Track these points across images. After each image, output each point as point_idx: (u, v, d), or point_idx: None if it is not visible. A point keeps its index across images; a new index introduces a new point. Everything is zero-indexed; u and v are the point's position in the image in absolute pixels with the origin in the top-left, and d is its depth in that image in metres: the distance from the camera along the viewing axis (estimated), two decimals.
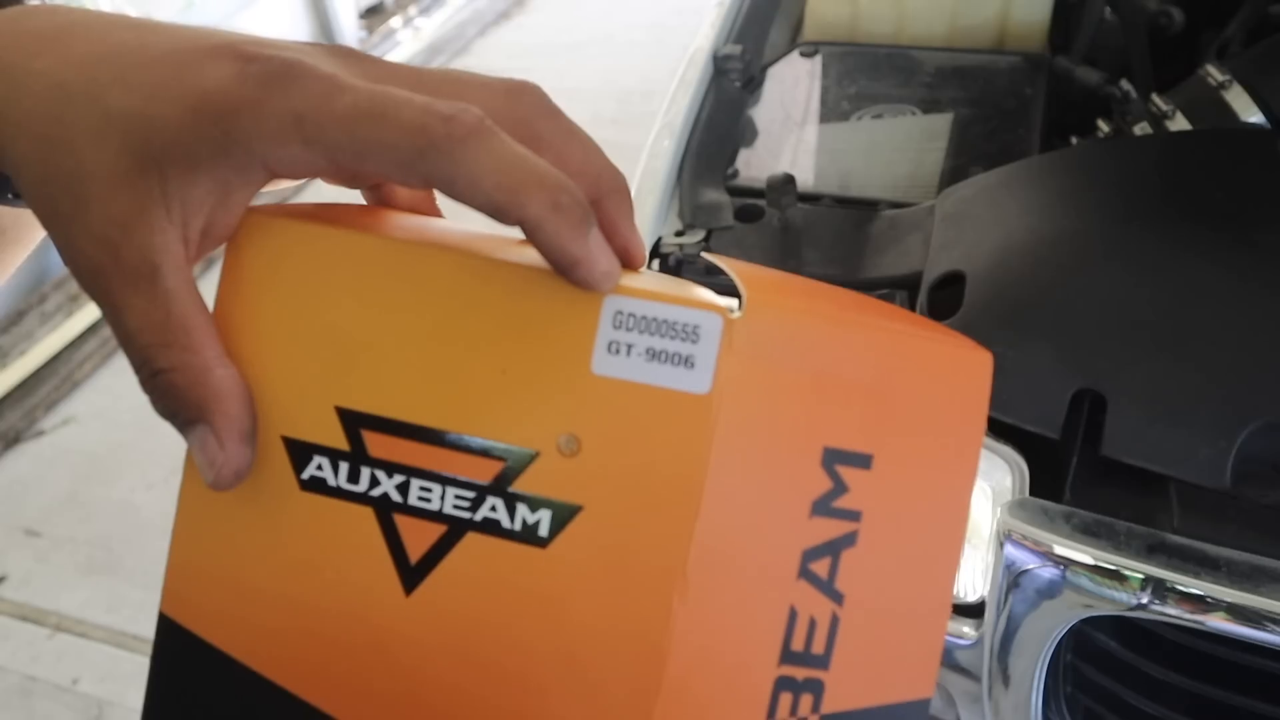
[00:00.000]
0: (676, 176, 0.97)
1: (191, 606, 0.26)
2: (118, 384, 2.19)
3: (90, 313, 2.36)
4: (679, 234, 0.89)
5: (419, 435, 0.25)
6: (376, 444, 0.25)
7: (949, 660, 0.73)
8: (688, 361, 0.24)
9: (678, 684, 0.24)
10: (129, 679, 1.63)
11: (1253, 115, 0.83)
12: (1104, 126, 0.95)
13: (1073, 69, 1.04)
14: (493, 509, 0.25)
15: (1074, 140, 0.99)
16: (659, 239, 0.89)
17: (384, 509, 0.25)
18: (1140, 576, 0.61)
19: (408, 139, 0.23)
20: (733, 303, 0.25)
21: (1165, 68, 1.03)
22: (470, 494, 0.25)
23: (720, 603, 0.25)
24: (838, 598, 0.25)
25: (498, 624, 0.25)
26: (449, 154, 0.23)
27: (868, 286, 0.82)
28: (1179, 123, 0.86)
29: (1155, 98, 0.88)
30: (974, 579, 0.73)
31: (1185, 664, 0.65)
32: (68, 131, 0.24)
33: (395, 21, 3.76)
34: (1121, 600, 0.62)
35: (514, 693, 0.25)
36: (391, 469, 0.25)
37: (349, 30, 3.55)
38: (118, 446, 2.01)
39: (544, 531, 0.25)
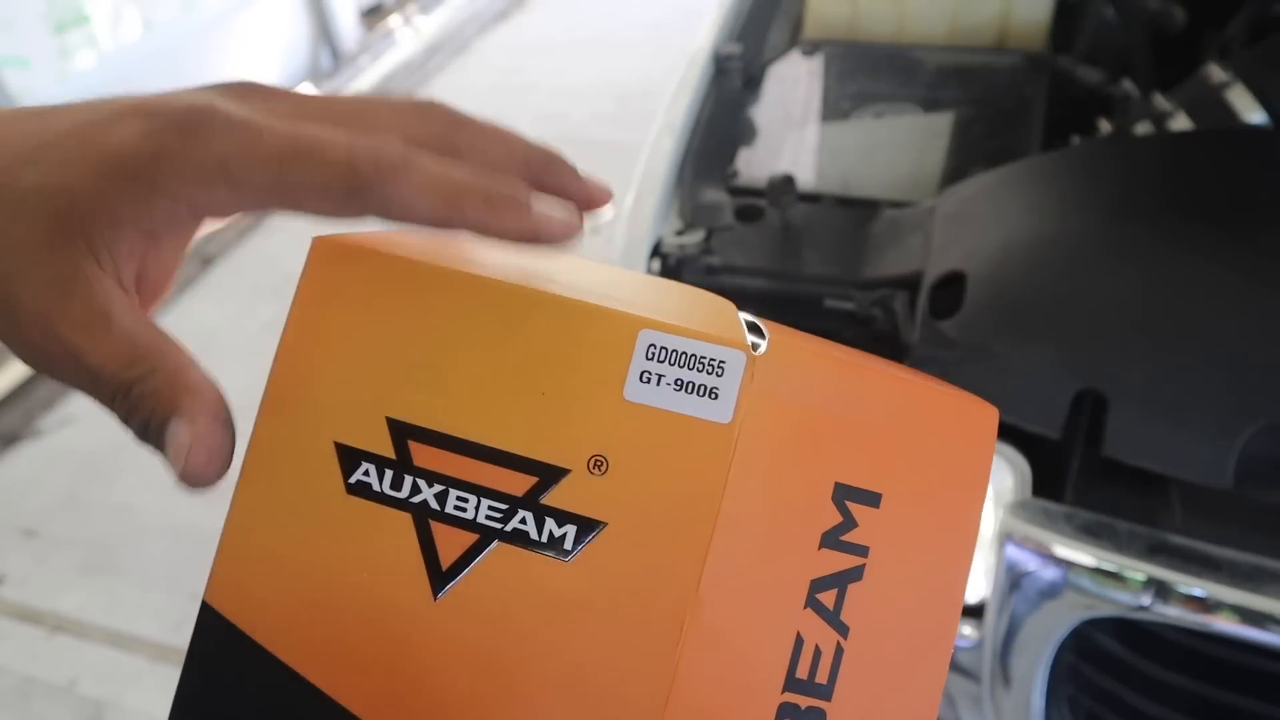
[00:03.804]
0: (676, 176, 0.97)
1: (234, 599, 0.27)
2: None
3: None
4: (679, 233, 0.89)
5: (461, 448, 0.27)
6: (421, 454, 0.27)
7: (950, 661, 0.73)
8: (712, 393, 0.26)
9: (685, 701, 0.25)
10: (127, 680, 1.62)
11: (1255, 114, 0.82)
12: (1105, 126, 0.95)
13: (1074, 68, 1.04)
14: (523, 521, 0.26)
15: (1075, 140, 0.99)
16: (659, 239, 0.88)
17: (422, 515, 0.27)
18: (1142, 577, 0.61)
19: (339, 179, 0.25)
20: (757, 340, 0.27)
21: (1167, 67, 1.02)
22: (503, 505, 0.26)
23: (730, 625, 0.26)
24: (843, 629, 0.26)
25: (517, 631, 0.26)
26: (381, 188, 0.25)
27: (868, 286, 0.81)
28: (1181, 122, 0.86)
29: (1157, 97, 0.88)
30: (975, 580, 0.73)
31: (1187, 665, 0.64)
32: None
33: (395, 21, 3.76)
34: (1123, 601, 0.62)
35: (526, 698, 0.26)
36: (433, 478, 0.27)
37: (349, 30, 3.55)
38: (117, 447, 2.00)
39: (568, 545, 0.26)
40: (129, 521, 1.85)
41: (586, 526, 0.26)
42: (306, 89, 3.28)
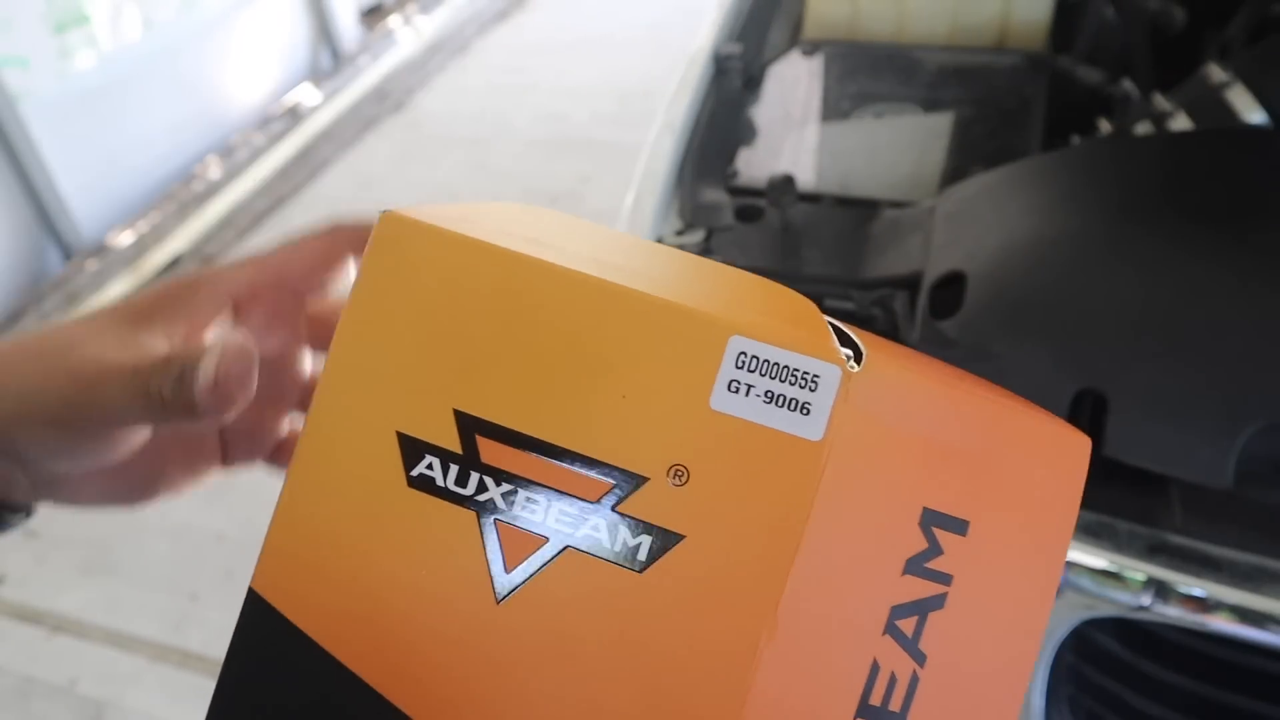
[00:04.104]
0: (676, 176, 0.97)
1: (282, 587, 0.27)
2: None
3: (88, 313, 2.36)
4: (679, 233, 0.89)
5: (533, 446, 0.26)
6: (489, 450, 0.26)
7: None
8: (804, 408, 0.24)
9: None
10: (127, 680, 1.62)
11: (1255, 114, 0.82)
12: (1105, 126, 0.95)
13: (1074, 68, 1.04)
14: (595, 528, 0.25)
15: (1075, 140, 0.99)
16: (659, 239, 0.88)
17: (487, 515, 0.26)
18: (1142, 577, 0.61)
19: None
20: (849, 353, 0.26)
21: (1167, 67, 1.02)
22: (575, 510, 0.25)
23: (806, 648, 0.25)
24: (920, 658, 0.25)
25: (583, 643, 0.25)
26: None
27: (868, 286, 0.81)
28: (1181, 122, 0.86)
29: (1157, 97, 0.88)
30: None
31: (1187, 665, 0.64)
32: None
33: (395, 21, 3.76)
34: (1123, 601, 0.62)
35: (588, 713, 0.25)
36: (501, 476, 0.26)
37: (349, 30, 3.54)
38: None
39: (643, 556, 0.25)
40: (129, 521, 1.85)
41: (663, 538, 0.25)
42: (307, 89, 3.28)
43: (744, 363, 0.25)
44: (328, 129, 3.10)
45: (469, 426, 0.26)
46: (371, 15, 3.77)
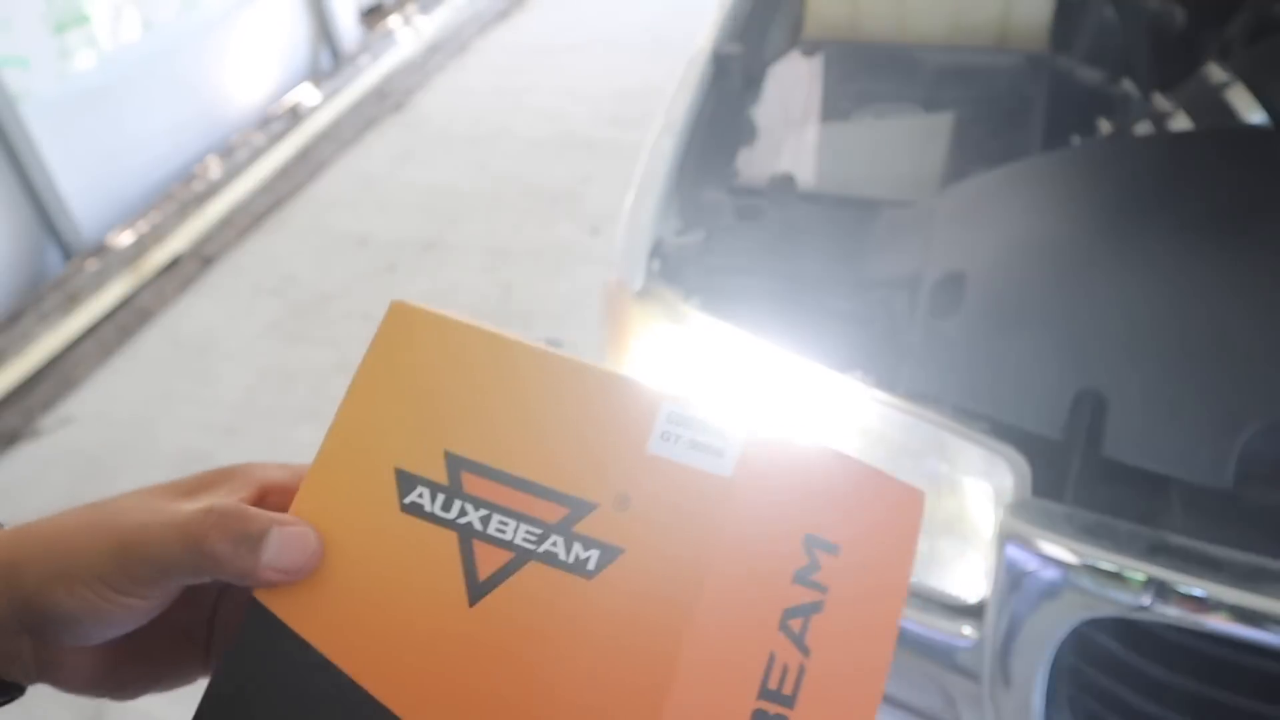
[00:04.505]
0: (676, 176, 0.97)
1: (282, 596, 0.31)
2: (116, 384, 2.18)
3: (88, 313, 2.36)
4: (679, 233, 0.89)
5: (508, 480, 0.33)
6: (471, 483, 0.33)
7: (949, 661, 0.73)
8: (718, 452, 0.33)
9: (679, 699, 0.30)
10: None
11: (1255, 114, 0.82)
12: (1105, 126, 0.95)
13: (1074, 68, 1.04)
14: (554, 544, 0.32)
15: (1075, 140, 0.99)
16: (659, 239, 0.88)
17: (466, 535, 0.32)
18: (1142, 577, 0.61)
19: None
20: (755, 414, 0.34)
21: (1167, 67, 1.02)
22: (538, 530, 0.32)
23: (719, 638, 0.31)
24: (806, 651, 0.32)
25: (541, 636, 0.31)
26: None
27: (868, 286, 0.81)
28: (1181, 122, 0.86)
29: (1157, 97, 0.88)
30: (975, 580, 0.73)
31: (1187, 665, 0.64)
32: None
33: (395, 21, 3.76)
34: (1123, 601, 0.62)
35: (547, 695, 0.30)
36: (479, 504, 0.32)
37: (349, 30, 3.55)
38: (116, 447, 2.00)
39: (591, 566, 0.31)
40: None
41: (608, 551, 0.32)
42: (307, 89, 3.28)
43: (674, 419, 0.33)
44: (328, 129, 3.09)
45: (456, 464, 0.33)
46: (371, 15, 3.77)
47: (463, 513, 0.32)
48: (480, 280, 2.36)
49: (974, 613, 0.71)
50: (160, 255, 2.58)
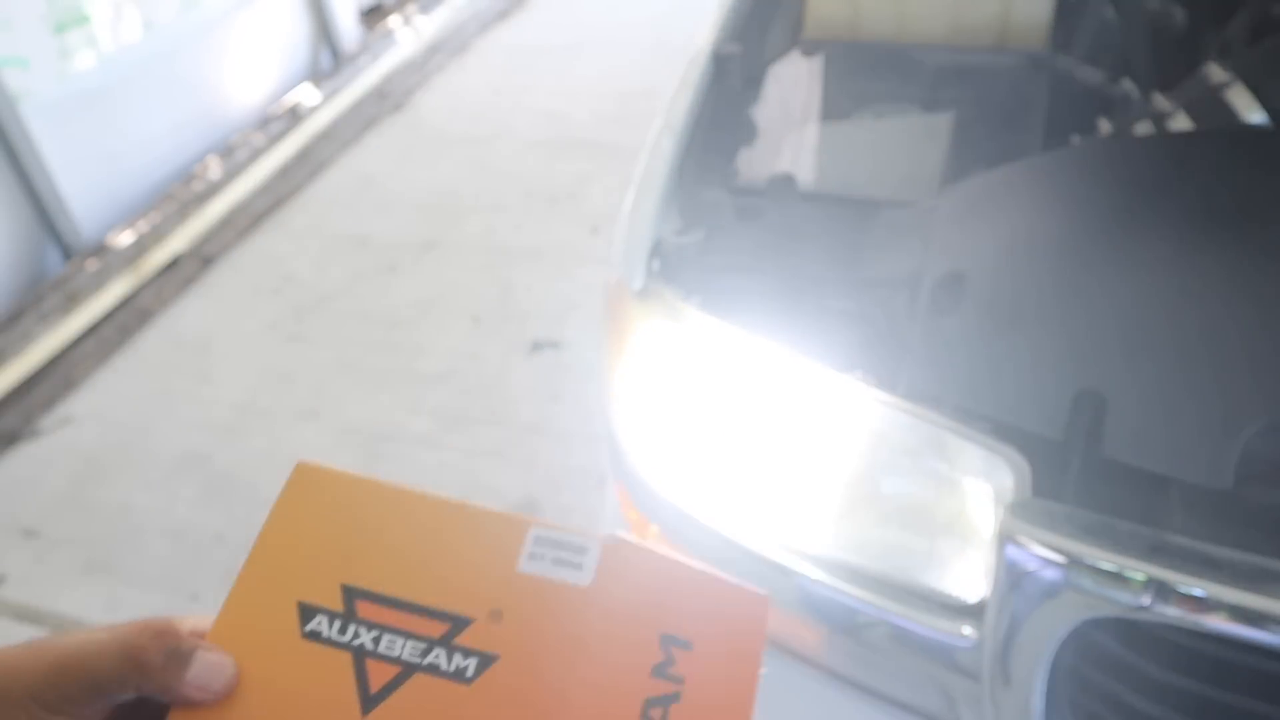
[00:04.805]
0: (676, 176, 0.97)
1: (196, 717, 0.36)
2: (116, 384, 2.18)
3: (88, 313, 2.36)
4: (679, 233, 0.89)
5: (395, 604, 0.38)
6: (364, 609, 0.38)
7: (949, 661, 0.73)
8: (579, 566, 0.39)
9: None
10: None
11: (1255, 114, 0.82)
12: (1105, 126, 0.95)
13: (1074, 68, 1.04)
14: (436, 656, 0.37)
15: (1075, 140, 0.99)
16: (659, 238, 0.88)
17: (359, 654, 0.37)
18: (1142, 577, 0.61)
19: None
20: (613, 533, 0.40)
21: (1167, 67, 1.02)
22: (423, 645, 0.37)
23: None
24: None
25: None
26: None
27: (868, 286, 0.81)
28: (1181, 122, 0.86)
29: (1157, 97, 0.88)
30: (975, 580, 0.73)
31: (1187, 665, 0.64)
32: None
33: (395, 21, 3.76)
34: (1123, 601, 0.62)
35: None
36: (371, 626, 0.37)
37: (349, 30, 3.55)
38: (116, 447, 2.00)
39: (470, 673, 0.36)
40: (128, 521, 1.85)
41: (484, 659, 0.37)
42: (307, 89, 3.27)
43: (540, 541, 0.39)
44: (328, 129, 3.09)
45: (351, 594, 0.38)
46: (371, 15, 3.77)
47: (356, 635, 0.37)
48: (480, 280, 2.36)
49: (974, 613, 0.71)
50: (160, 255, 2.58)
